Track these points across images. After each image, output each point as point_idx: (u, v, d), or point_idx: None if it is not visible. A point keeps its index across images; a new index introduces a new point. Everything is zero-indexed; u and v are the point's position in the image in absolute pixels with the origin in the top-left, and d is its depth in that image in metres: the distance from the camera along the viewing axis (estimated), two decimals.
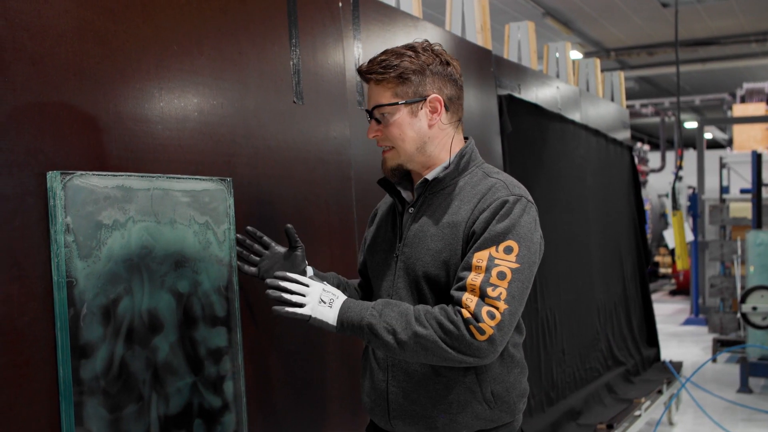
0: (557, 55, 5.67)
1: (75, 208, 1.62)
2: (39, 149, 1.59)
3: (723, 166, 11.20)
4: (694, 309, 11.16)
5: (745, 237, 7.46)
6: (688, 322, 11.10)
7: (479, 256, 1.77)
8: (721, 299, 9.18)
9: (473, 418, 1.88)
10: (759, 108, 12.86)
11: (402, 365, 1.91)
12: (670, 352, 8.40)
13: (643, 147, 17.07)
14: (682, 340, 9.73)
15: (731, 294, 8.78)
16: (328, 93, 2.55)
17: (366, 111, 1.94)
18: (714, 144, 20.52)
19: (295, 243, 2.04)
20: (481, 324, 1.71)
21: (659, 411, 5.53)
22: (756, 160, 8.28)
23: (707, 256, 9.49)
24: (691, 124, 18.27)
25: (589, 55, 12.96)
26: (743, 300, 6.72)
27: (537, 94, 4.62)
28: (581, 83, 6.14)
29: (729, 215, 9.29)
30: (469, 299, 1.74)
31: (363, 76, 1.92)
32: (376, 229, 2.10)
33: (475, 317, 1.72)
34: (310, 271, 2.08)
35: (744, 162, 10.70)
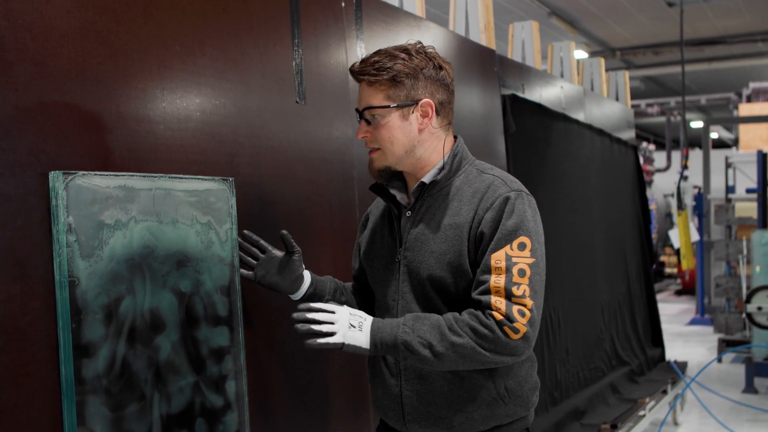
0: (561, 55, 5.66)
1: (77, 207, 1.63)
2: (41, 149, 1.59)
3: (729, 165, 11.17)
4: (699, 309, 11.13)
5: (751, 237, 7.45)
6: (693, 322, 11.08)
7: (496, 257, 1.79)
8: (727, 299, 9.16)
9: (489, 414, 1.89)
10: (765, 107, 12.83)
11: (414, 369, 1.91)
12: (675, 352, 8.39)
13: (649, 147, 17.05)
14: (687, 340, 9.71)
15: (737, 294, 8.76)
16: (330, 93, 2.55)
17: (356, 111, 1.94)
18: (720, 143, 20.48)
19: (292, 248, 2.02)
20: (515, 324, 1.75)
21: (664, 411, 5.52)
22: (762, 159, 8.26)
23: (713, 255, 9.48)
24: (697, 123, 18.21)
25: (595, 55, 12.94)
26: (748, 300, 6.70)
27: (541, 93, 4.62)
28: (586, 83, 6.13)
29: (734, 215, 9.26)
30: (498, 301, 1.76)
31: (355, 75, 1.91)
32: (371, 235, 2.08)
33: (508, 318, 1.75)
34: (307, 276, 2.07)
35: (750, 162, 10.68)
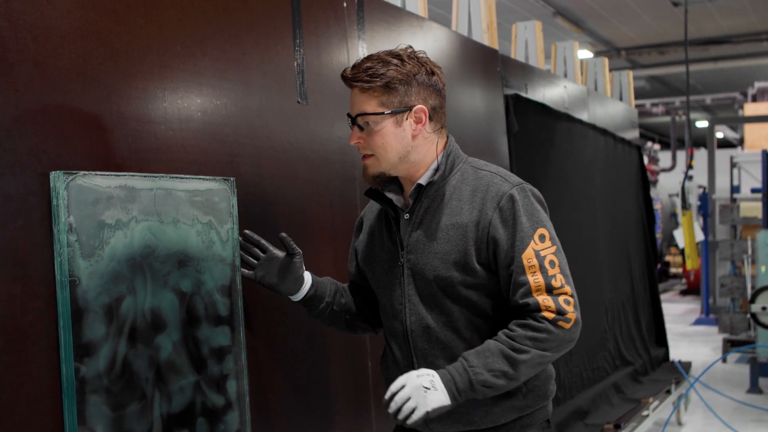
0: (565, 55, 5.66)
1: (78, 207, 1.63)
2: (42, 149, 1.60)
3: (734, 165, 11.14)
4: (704, 309, 11.11)
5: (756, 237, 7.43)
6: (698, 322, 11.05)
7: (527, 256, 1.83)
8: (732, 299, 9.13)
9: (508, 407, 1.91)
10: None
11: (430, 365, 1.92)
12: (680, 351, 8.37)
13: (654, 146, 17.01)
14: (692, 340, 9.69)
15: (741, 294, 8.73)
16: (332, 93, 2.55)
17: (348, 116, 1.93)
18: (725, 143, 20.43)
19: (292, 251, 2.02)
20: (567, 315, 1.83)
21: (667, 411, 5.51)
22: (767, 159, 8.23)
23: (718, 255, 9.44)
24: (702, 123, 18.18)
25: (600, 55, 12.92)
26: (752, 300, 6.68)
27: (544, 93, 4.61)
28: (589, 83, 6.12)
29: (739, 215, 9.23)
30: (545, 300, 1.82)
31: (347, 81, 1.90)
32: (368, 239, 2.07)
33: (560, 312, 1.82)
34: (308, 277, 2.07)
35: (755, 161, 10.65)
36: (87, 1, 1.73)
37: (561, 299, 1.82)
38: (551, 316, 1.81)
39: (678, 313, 12.19)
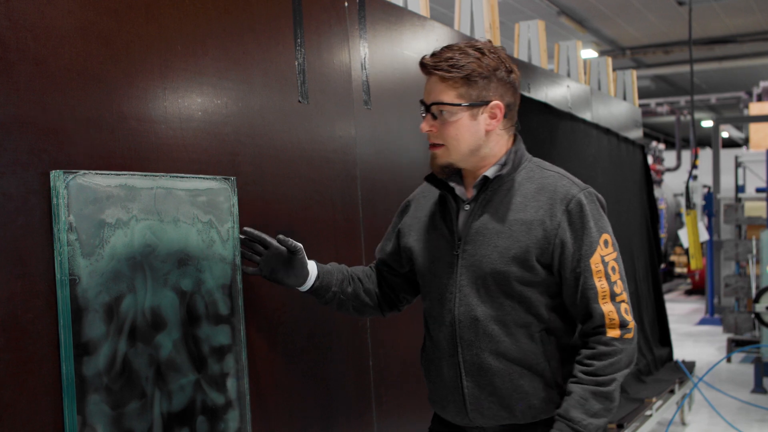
0: (568, 54, 5.65)
1: (78, 206, 1.64)
2: (42, 149, 1.60)
3: (738, 165, 11.12)
4: (709, 309, 11.09)
5: (760, 236, 7.41)
6: (703, 321, 11.04)
7: (594, 261, 1.86)
8: (736, 299, 9.12)
9: (548, 402, 1.93)
10: None
11: (474, 360, 1.93)
12: (685, 351, 8.36)
13: (659, 146, 16.98)
14: (697, 340, 9.67)
15: (746, 294, 8.72)
16: (333, 92, 2.55)
17: (422, 103, 1.92)
18: (730, 143, 20.38)
19: (293, 249, 2.03)
20: (628, 325, 1.87)
21: (671, 411, 5.50)
22: None
23: (722, 255, 9.43)
24: (707, 122, 18.13)
25: (605, 54, 12.91)
26: (757, 300, 6.67)
27: (547, 93, 4.61)
28: (593, 82, 6.11)
29: (744, 214, 9.22)
30: (610, 311, 1.85)
31: (426, 68, 1.90)
32: (420, 225, 2.07)
33: (623, 325, 1.85)
34: (313, 268, 2.09)
35: (759, 161, 10.63)
36: (87, 1, 1.73)
37: (622, 308, 1.86)
38: (617, 333, 1.84)
39: (683, 313, 12.17)
